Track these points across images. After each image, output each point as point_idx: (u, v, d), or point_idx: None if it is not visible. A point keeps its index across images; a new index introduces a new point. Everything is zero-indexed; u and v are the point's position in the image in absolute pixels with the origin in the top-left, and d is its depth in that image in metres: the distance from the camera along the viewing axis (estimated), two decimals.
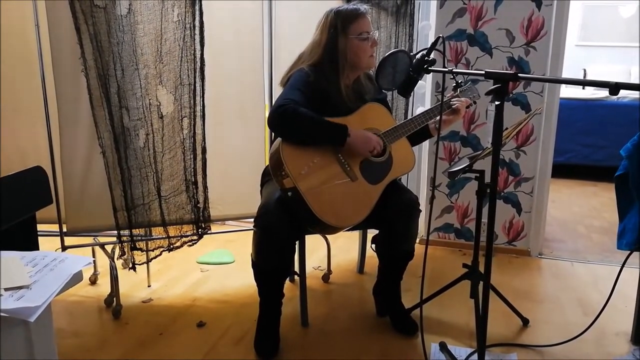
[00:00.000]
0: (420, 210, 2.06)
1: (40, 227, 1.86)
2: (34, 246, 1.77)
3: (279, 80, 2.08)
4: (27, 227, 1.70)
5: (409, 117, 2.50)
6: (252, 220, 1.94)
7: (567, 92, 4.92)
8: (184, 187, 2.28)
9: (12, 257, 1.12)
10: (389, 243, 2.08)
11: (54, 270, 1.08)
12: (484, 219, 1.74)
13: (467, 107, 2.13)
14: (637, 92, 4.59)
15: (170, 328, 2.15)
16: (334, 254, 2.77)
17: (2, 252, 1.14)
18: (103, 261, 2.48)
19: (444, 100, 2.04)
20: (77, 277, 1.09)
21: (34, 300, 0.96)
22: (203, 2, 2.12)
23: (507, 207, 3.01)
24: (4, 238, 1.52)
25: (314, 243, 2.77)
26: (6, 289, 0.98)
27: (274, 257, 1.91)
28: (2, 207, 1.50)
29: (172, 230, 2.31)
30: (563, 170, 4.78)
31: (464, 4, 2.84)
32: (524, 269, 2.84)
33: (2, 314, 0.91)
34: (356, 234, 2.81)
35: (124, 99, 2.09)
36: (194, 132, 2.23)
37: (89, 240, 2.36)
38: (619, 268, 1.95)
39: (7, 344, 0.97)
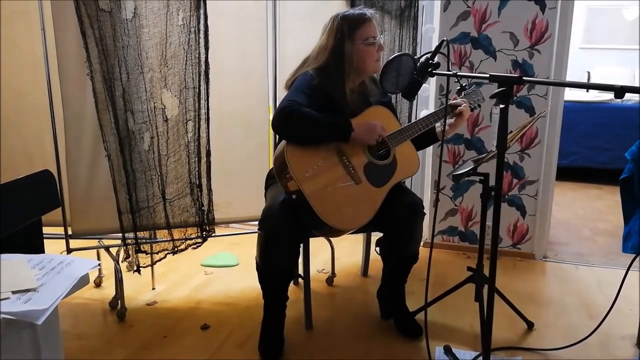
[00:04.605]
0: (425, 213, 2.06)
1: (45, 229, 1.86)
2: (40, 249, 1.77)
3: (284, 84, 2.09)
4: (33, 229, 1.70)
5: (413, 120, 2.50)
6: (257, 223, 1.95)
7: (571, 94, 4.90)
8: (189, 190, 2.28)
9: (20, 260, 1.13)
10: (393, 246, 2.08)
11: (61, 273, 1.08)
12: (489, 222, 1.74)
13: (472, 110, 2.14)
14: None
15: (175, 330, 2.15)
16: (338, 257, 2.77)
17: (10, 255, 1.15)
18: (108, 264, 2.49)
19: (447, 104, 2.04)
20: (83, 280, 1.10)
21: (42, 303, 0.96)
22: (207, 5, 2.13)
23: (512, 210, 3.01)
24: (9, 241, 1.53)
25: (318, 246, 2.77)
26: (14, 292, 0.99)
27: (278, 260, 1.92)
28: (11, 211, 1.50)
29: (177, 233, 2.32)
30: (567, 173, 4.76)
31: (468, 7, 2.85)
32: (529, 272, 2.84)
33: (9, 317, 0.92)
34: (360, 237, 2.81)
35: (129, 103, 2.10)
36: (199, 135, 2.24)
37: (93, 242, 2.36)
38: (624, 271, 1.94)
39: (15, 346, 0.98)
